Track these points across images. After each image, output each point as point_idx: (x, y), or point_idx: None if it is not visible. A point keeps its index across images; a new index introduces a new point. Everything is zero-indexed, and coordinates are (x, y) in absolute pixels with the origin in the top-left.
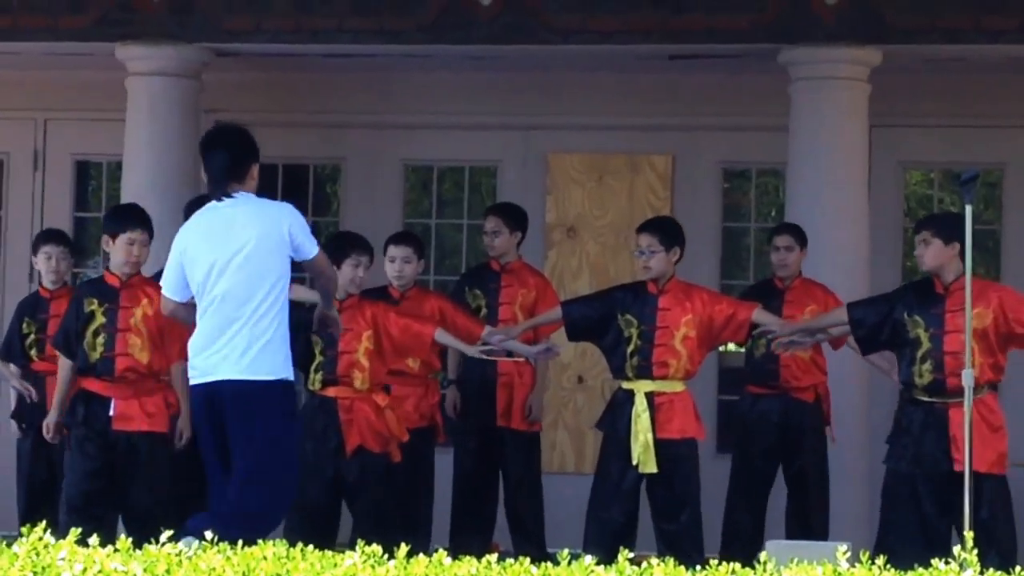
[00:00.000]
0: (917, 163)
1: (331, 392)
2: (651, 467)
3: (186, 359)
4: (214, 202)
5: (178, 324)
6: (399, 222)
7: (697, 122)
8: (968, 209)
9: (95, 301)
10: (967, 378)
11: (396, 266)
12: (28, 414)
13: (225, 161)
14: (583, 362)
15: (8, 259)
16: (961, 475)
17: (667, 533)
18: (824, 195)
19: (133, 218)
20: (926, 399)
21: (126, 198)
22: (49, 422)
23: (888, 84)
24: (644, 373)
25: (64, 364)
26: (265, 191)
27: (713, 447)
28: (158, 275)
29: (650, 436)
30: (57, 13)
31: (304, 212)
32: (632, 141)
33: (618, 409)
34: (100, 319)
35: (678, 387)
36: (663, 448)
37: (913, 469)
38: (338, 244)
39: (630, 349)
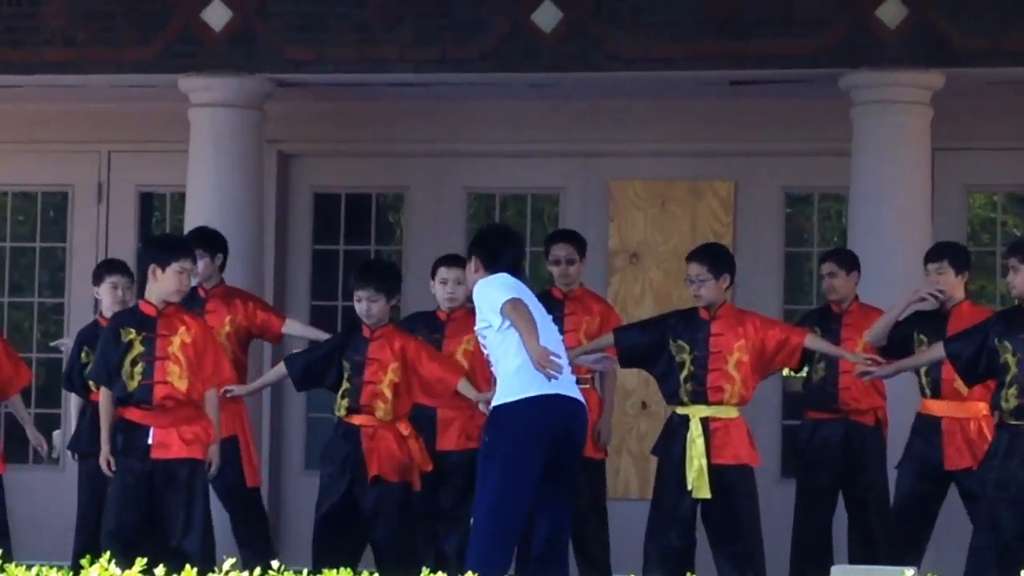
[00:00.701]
0: (981, 186)
1: (356, 420)
2: (704, 493)
3: (218, 385)
4: (509, 274)
5: (211, 351)
6: (462, 250)
7: (759, 148)
8: None
9: (132, 331)
10: None
11: (448, 288)
12: (82, 444)
13: (518, 257)
14: (647, 389)
15: (73, 290)
16: None
17: (727, 557)
18: (887, 219)
19: (182, 248)
20: (1013, 422)
21: (190, 229)
22: (106, 456)
23: (951, 107)
24: (699, 398)
25: (106, 395)
26: (328, 220)
27: (777, 472)
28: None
29: (704, 462)
30: (121, 46)
31: (367, 241)
32: (694, 167)
33: (673, 434)
34: (138, 348)
35: (733, 413)
36: (717, 474)
37: (997, 492)
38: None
39: (684, 375)
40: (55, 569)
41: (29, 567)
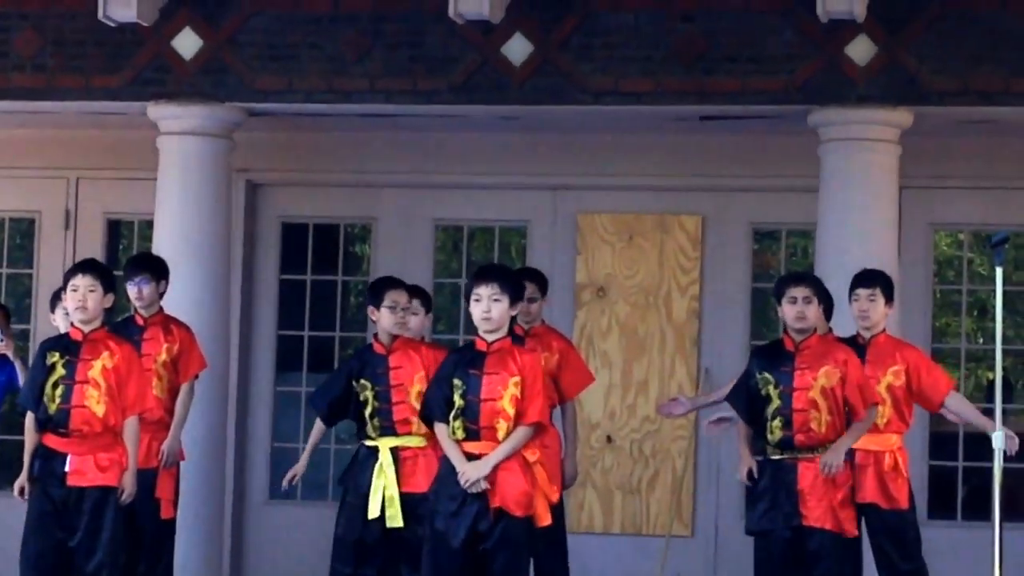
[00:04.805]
0: (947, 224)
1: (471, 448)
2: (397, 521)
3: (140, 412)
4: None
5: (135, 378)
6: (429, 281)
7: (727, 183)
8: (999, 271)
9: (56, 354)
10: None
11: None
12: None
13: None
14: (612, 422)
15: (39, 317)
16: None
17: None
18: (853, 256)
19: (76, 267)
20: (777, 456)
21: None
22: (22, 481)
23: (919, 145)
24: (388, 431)
25: (31, 420)
26: (296, 250)
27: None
28: (117, 325)
29: (396, 491)
30: (91, 73)
31: (334, 271)
32: (662, 201)
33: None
34: (60, 371)
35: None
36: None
37: (763, 525)
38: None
39: (368, 410)
40: None
41: None
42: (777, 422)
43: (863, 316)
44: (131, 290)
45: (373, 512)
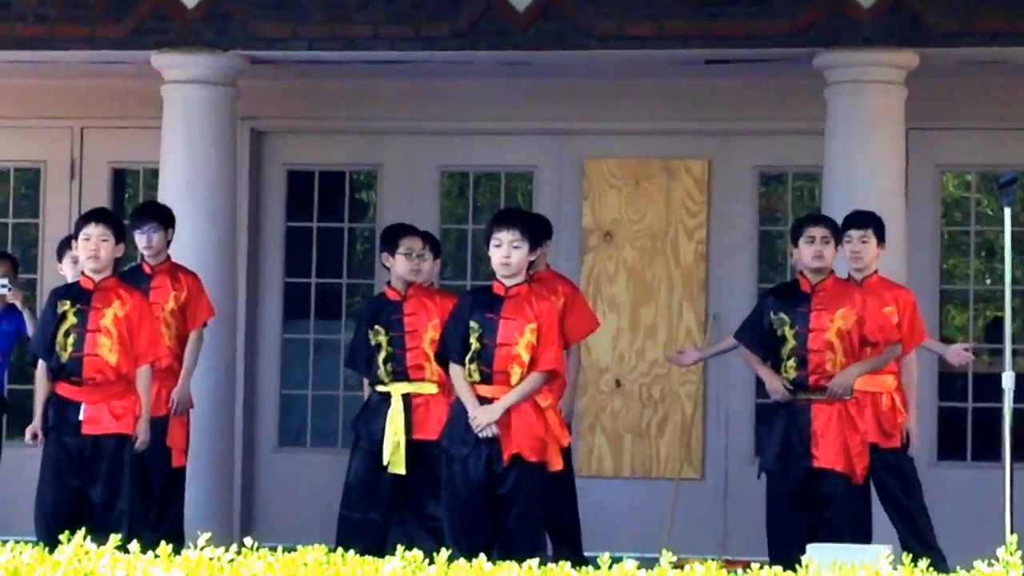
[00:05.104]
0: (954, 166)
1: (484, 391)
2: (399, 468)
3: (152, 361)
4: None
5: (147, 326)
6: (436, 227)
7: (733, 126)
8: (1007, 212)
9: (68, 303)
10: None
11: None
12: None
13: None
14: (621, 366)
15: (46, 267)
16: None
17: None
18: (860, 198)
19: (87, 216)
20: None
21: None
22: (35, 428)
23: (925, 87)
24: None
25: (42, 369)
26: (301, 198)
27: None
28: (125, 274)
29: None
30: (94, 22)
31: (340, 218)
32: (668, 145)
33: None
34: (72, 320)
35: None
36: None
37: (776, 466)
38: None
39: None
40: (31, 545)
41: (3, 543)
42: (792, 362)
43: (855, 257)
44: (139, 239)
45: (387, 458)
